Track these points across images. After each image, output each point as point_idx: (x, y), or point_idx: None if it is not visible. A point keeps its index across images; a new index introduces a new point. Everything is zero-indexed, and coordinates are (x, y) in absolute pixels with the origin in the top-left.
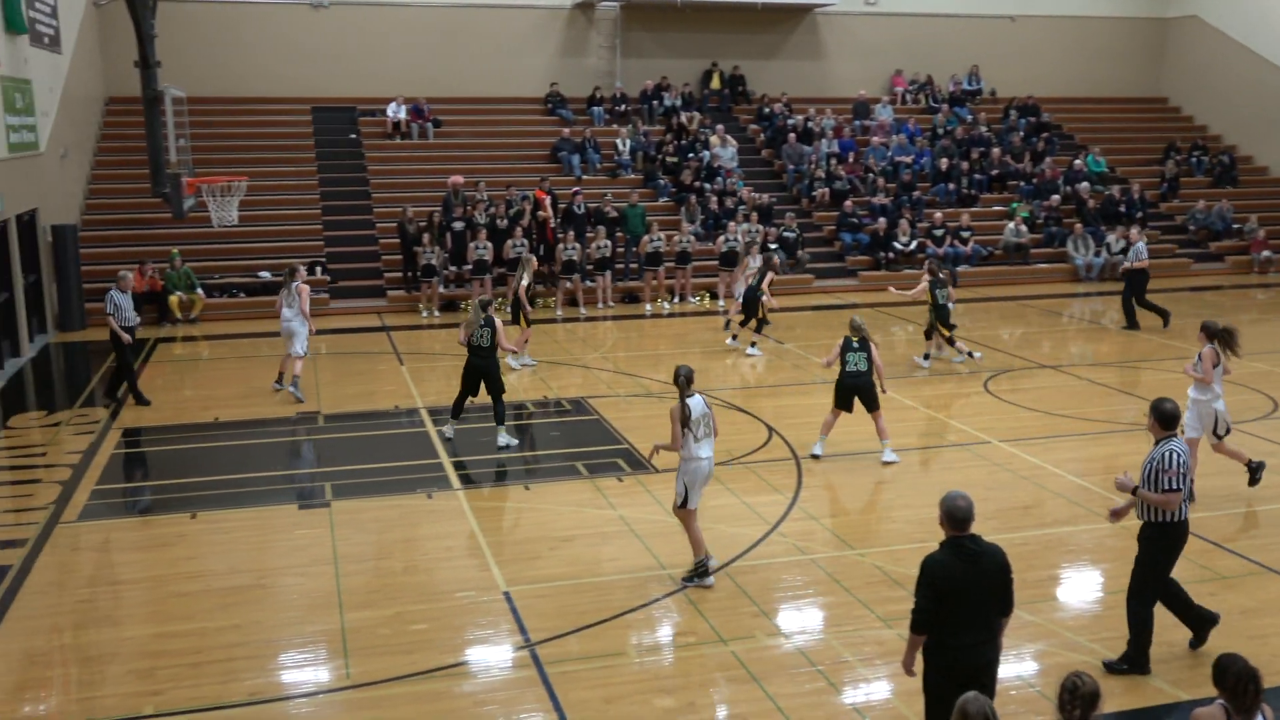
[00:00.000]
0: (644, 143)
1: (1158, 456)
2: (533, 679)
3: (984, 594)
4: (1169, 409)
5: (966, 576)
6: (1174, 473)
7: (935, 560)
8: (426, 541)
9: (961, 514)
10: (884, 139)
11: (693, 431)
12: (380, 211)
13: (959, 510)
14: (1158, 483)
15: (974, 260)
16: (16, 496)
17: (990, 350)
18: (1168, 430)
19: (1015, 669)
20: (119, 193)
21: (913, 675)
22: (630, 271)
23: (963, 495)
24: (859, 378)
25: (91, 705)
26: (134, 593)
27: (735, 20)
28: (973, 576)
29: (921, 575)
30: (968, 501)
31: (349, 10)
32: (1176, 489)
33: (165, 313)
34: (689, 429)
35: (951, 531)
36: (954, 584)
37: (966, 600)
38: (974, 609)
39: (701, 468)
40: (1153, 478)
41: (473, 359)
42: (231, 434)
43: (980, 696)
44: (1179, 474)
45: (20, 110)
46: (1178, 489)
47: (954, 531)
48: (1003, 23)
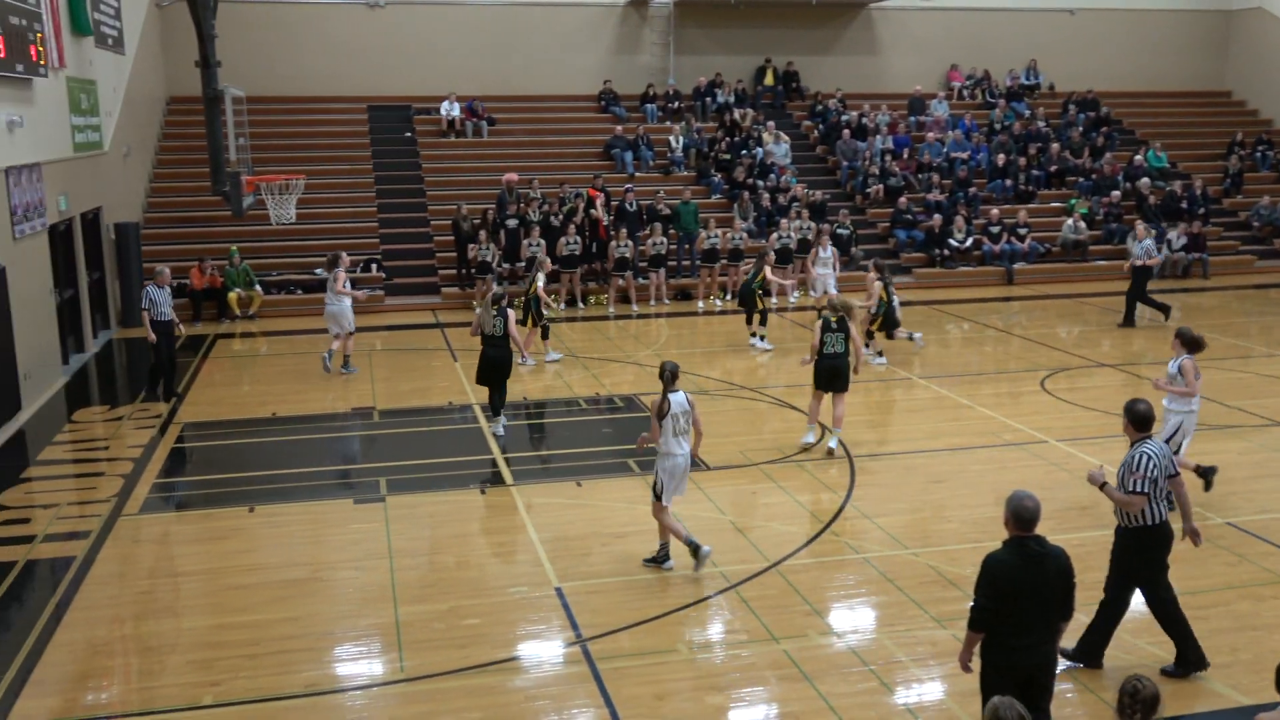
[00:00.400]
0: (697, 140)
1: (1130, 458)
2: (584, 675)
3: (1045, 596)
4: (1142, 410)
5: (1028, 577)
6: (1140, 475)
7: (997, 559)
8: (479, 537)
9: (1028, 514)
10: (939, 134)
11: (671, 427)
12: (435, 209)
13: (1026, 510)
14: (1125, 484)
15: (1031, 257)
16: (80, 489)
17: (1048, 349)
18: (1141, 432)
19: (1071, 671)
20: (179, 191)
21: (969, 672)
22: (683, 268)
23: (1030, 495)
24: (836, 359)
25: (152, 695)
26: (193, 584)
27: (789, 16)
28: (1035, 577)
29: (983, 573)
30: (1035, 502)
31: (404, 9)
32: (1141, 492)
33: (224, 309)
34: (663, 424)
35: (1016, 531)
36: (1015, 584)
37: (1027, 601)
38: (1035, 610)
39: (678, 464)
40: (1122, 479)
41: (487, 349)
42: (288, 429)
43: (1014, 702)
44: (1145, 477)
45: (85, 110)
46: (1143, 492)
47: (1019, 531)
48: (1062, 16)
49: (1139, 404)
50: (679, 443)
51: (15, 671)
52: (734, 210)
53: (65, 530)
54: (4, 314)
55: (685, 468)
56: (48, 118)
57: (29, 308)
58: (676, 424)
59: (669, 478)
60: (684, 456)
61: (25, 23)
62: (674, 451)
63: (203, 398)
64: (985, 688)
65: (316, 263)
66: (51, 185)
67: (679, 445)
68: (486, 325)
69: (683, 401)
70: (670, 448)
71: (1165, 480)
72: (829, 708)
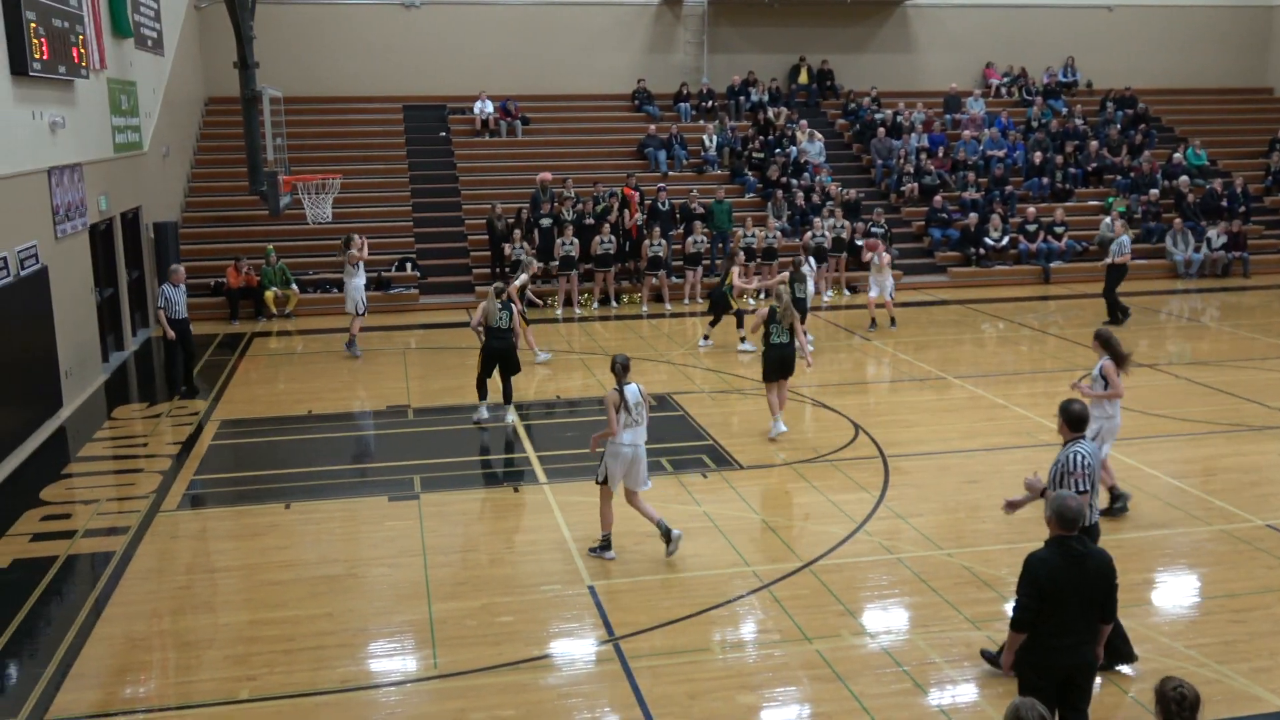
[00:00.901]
0: (730, 138)
1: (1063, 459)
2: (617, 673)
3: (1087, 596)
4: (1077, 410)
5: (1070, 577)
6: (1079, 475)
7: (1039, 558)
8: (513, 534)
9: (1071, 514)
10: (975, 132)
11: (622, 419)
12: (469, 208)
13: (1069, 510)
14: (1063, 486)
15: (1068, 256)
16: (120, 485)
17: (1084, 348)
18: (1075, 432)
19: (1109, 673)
20: (217, 190)
21: (1013, 676)
22: (717, 268)
23: (1073, 495)
24: (784, 349)
25: (189, 689)
26: (229, 580)
27: (823, 14)
28: (1076, 577)
29: (1024, 573)
30: (1078, 503)
31: (440, 10)
32: (1083, 491)
33: (261, 308)
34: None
35: (1059, 531)
36: (1056, 583)
37: (1068, 601)
38: (1076, 610)
39: (624, 453)
40: (1058, 480)
41: (491, 341)
42: (324, 426)
43: (1035, 703)
44: (1084, 475)
45: (125, 111)
46: (1084, 490)
47: (1061, 531)
48: (1099, 12)
49: (1073, 404)
50: (629, 433)
51: (56, 665)
52: (768, 209)
53: (105, 526)
54: (46, 312)
55: (634, 457)
56: (89, 119)
57: (70, 306)
58: (628, 415)
59: (615, 464)
60: (632, 447)
61: (67, 25)
62: (623, 441)
63: (239, 395)
64: (1023, 688)
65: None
66: (92, 185)
67: (626, 436)
68: (492, 318)
69: (635, 393)
70: (620, 437)
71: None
72: (862, 708)
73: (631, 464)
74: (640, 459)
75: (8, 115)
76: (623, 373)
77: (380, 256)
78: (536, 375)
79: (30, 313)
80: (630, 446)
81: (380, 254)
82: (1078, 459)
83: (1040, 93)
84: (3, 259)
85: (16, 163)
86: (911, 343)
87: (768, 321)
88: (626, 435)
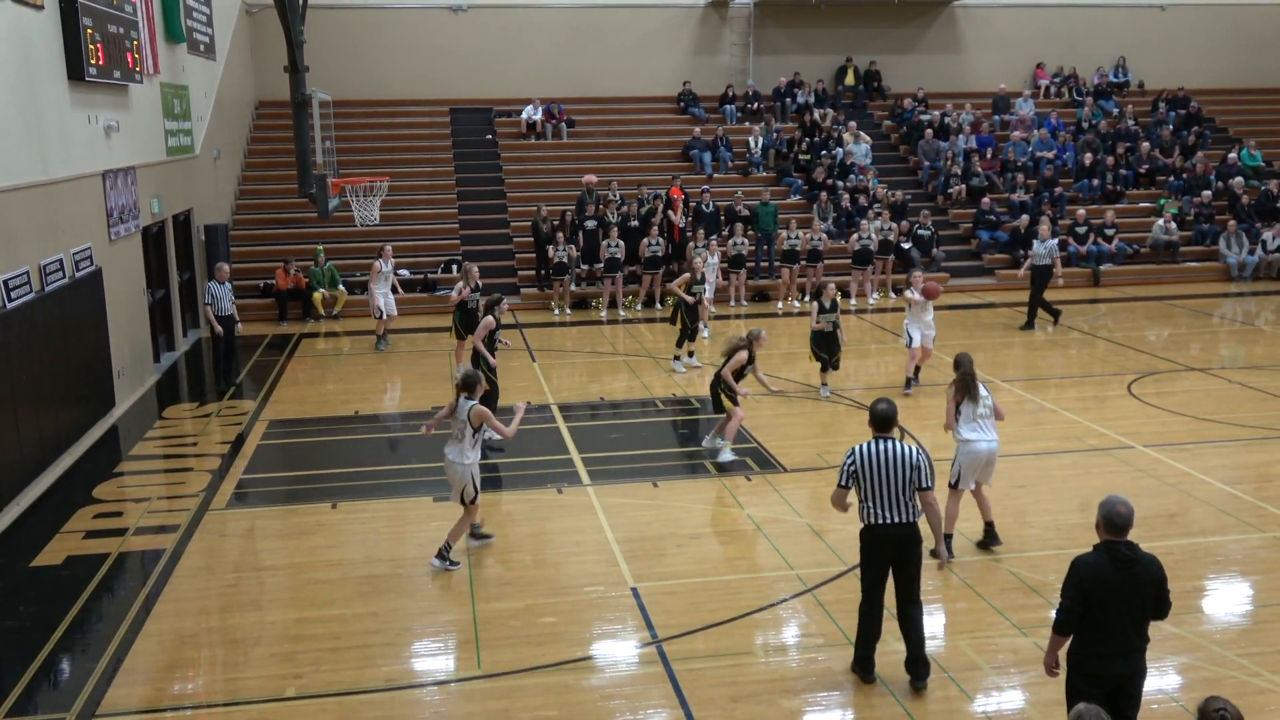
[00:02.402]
0: (776, 140)
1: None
2: (659, 675)
3: (1135, 602)
4: (881, 410)
5: (1118, 582)
6: (840, 467)
7: (1085, 561)
8: (556, 536)
9: (1121, 520)
10: (1024, 134)
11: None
12: (515, 210)
13: (1118, 516)
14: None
15: (1119, 259)
16: (170, 484)
17: (1135, 352)
18: (879, 432)
19: (1158, 682)
20: (267, 193)
21: (1054, 676)
22: (762, 270)
23: (1124, 501)
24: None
25: (236, 686)
26: (276, 579)
27: (871, 15)
28: (1125, 583)
29: (1070, 575)
30: (1128, 508)
31: (486, 13)
32: (843, 486)
33: (309, 309)
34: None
35: (1107, 535)
36: (1103, 588)
37: (1116, 606)
38: (1124, 617)
39: (453, 470)
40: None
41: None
42: (370, 427)
43: (1100, 711)
44: (843, 469)
45: (178, 115)
46: (843, 486)
47: (1110, 536)
48: (1152, 12)
49: (879, 403)
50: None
51: (107, 660)
52: (813, 211)
53: (155, 524)
54: (100, 313)
55: (453, 473)
56: (142, 122)
57: (123, 307)
58: (454, 427)
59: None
60: (460, 465)
61: (122, 30)
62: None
63: (287, 396)
64: (1072, 696)
65: (400, 263)
66: (145, 188)
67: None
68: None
69: (465, 408)
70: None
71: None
72: (906, 714)
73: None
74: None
75: (64, 119)
76: (464, 388)
77: (426, 259)
78: (580, 376)
79: (85, 313)
80: (461, 465)
81: (426, 256)
82: (847, 455)
83: (1091, 93)
84: (59, 261)
85: (73, 166)
86: (958, 346)
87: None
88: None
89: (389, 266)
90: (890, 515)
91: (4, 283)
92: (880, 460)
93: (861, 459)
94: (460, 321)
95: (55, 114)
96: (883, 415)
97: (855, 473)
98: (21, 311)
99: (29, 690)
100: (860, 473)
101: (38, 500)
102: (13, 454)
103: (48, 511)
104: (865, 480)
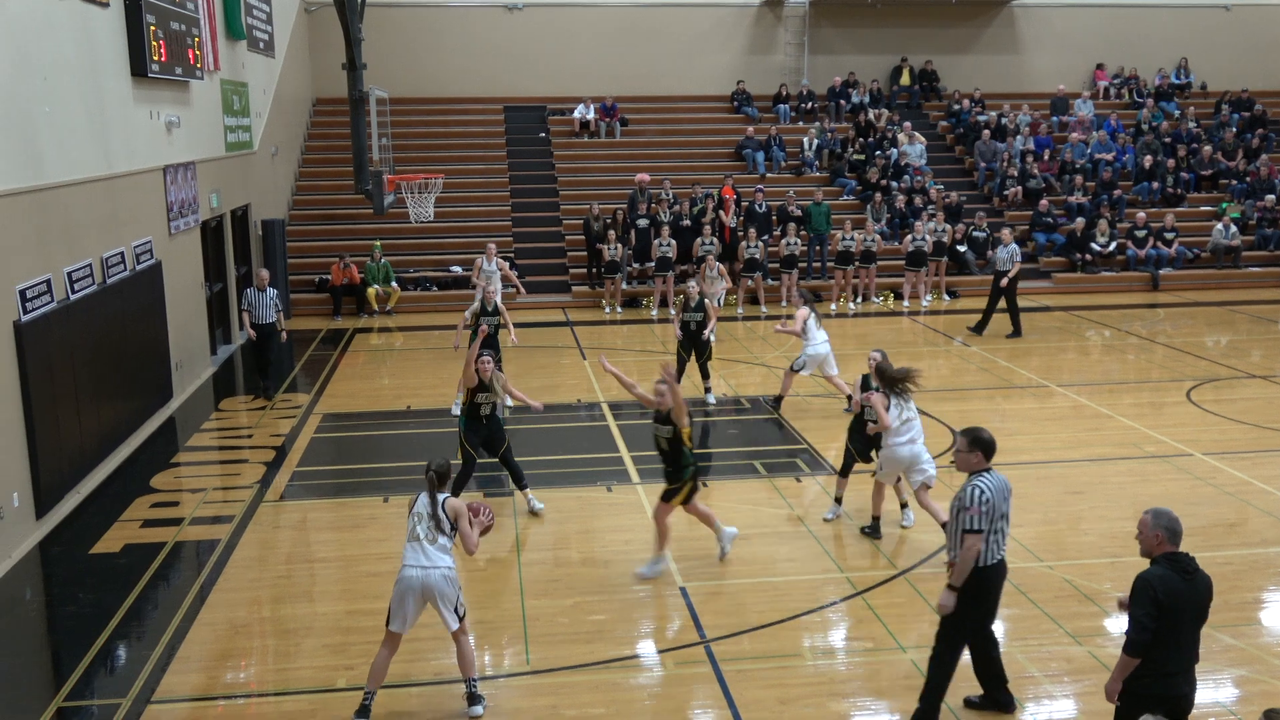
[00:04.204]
0: (830, 140)
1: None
2: (707, 675)
3: (1200, 614)
4: (989, 438)
5: (1185, 594)
6: (975, 510)
7: (1156, 575)
8: (605, 534)
9: (1180, 529)
10: (1083, 135)
11: (412, 527)
12: (567, 209)
13: (1178, 525)
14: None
15: (1178, 263)
16: (225, 475)
17: (1194, 358)
18: (989, 461)
19: (1214, 694)
20: (323, 189)
21: (1115, 702)
22: (814, 270)
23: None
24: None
25: (288, 675)
26: (328, 570)
27: (927, 15)
28: (1190, 595)
29: (1140, 592)
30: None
31: (541, 11)
32: (977, 529)
33: (363, 304)
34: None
35: (1169, 548)
36: (1176, 600)
37: (1183, 619)
38: (1189, 630)
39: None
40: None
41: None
42: (422, 422)
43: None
44: (980, 512)
45: (237, 112)
46: (978, 530)
47: (1172, 548)
48: (1216, 12)
49: (984, 432)
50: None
51: (162, 648)
52: (866, 211)
53: (211, 514)
54: (159, 306)
55: (411, 587)
56: (202, 118)
57: (182, 300)
58: (416, 526)
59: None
60: (441, 570)
61: (184, 28)
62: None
63: (341, 390)
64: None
65: (452, 260)
66: (204, 183)
67: (413, 553)
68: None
69: (424, 502)
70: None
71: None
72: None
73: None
74: (419, 588)
75: (127, 115)
76: (436, 483)
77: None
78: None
79: (144, 306)
80: (415, 569)
81: (478, 253)
82: (977, 493)
83: (1151, 94)
84: (120, 254)
85: (135, 161)
86: (1013, 349)
87: None
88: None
89: (492, 265)
90: (1003, 551)
91: (67, 275)
92: (1001, 494)
93: (993, 495)
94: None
95: (119, 109)
96: (993, 443)
97: (990, 513)
98: (84, 303)
99: (87, 675)
100: (993, 511)
101: (97, 489)
102: (74, 443)
103: (107, 500)
104: (993, 517)
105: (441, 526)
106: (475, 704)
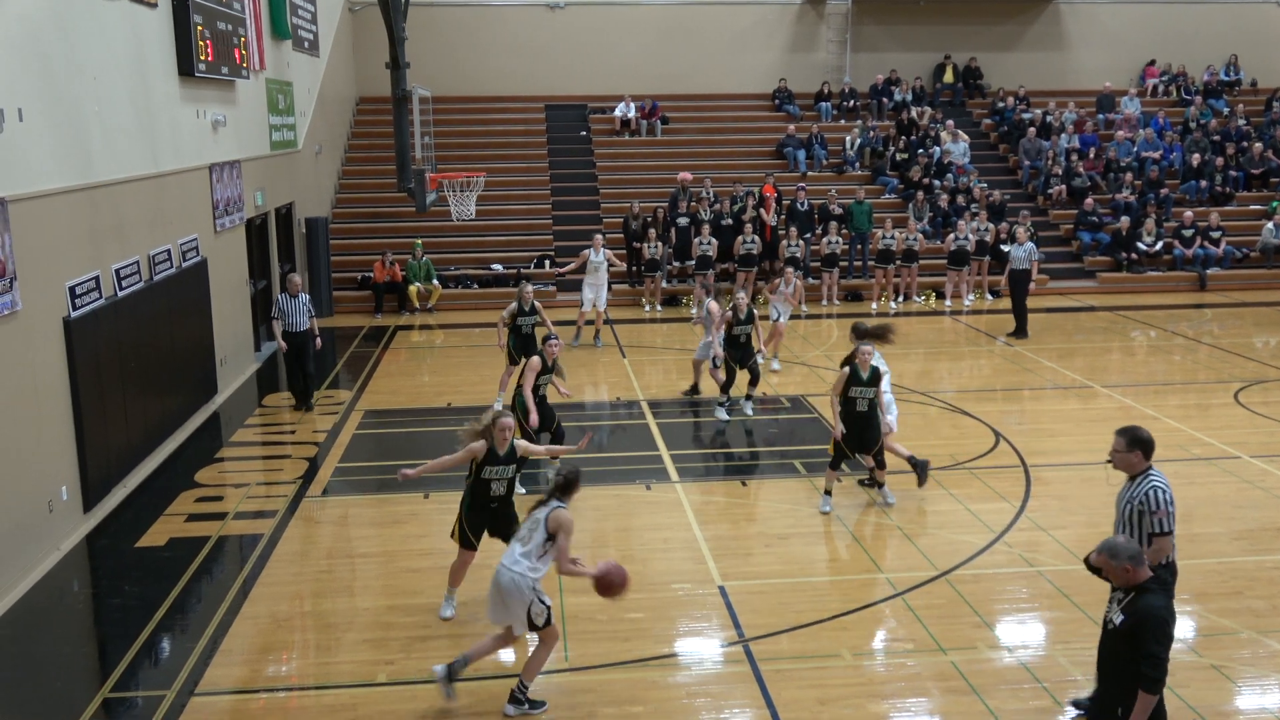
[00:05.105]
0: (872, 139)
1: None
2: (746, 675)
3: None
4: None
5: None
6: (1162, 513)
7: (1167, 607)
8: (644, 532)
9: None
10: (1130, 133)
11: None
12: (607, 207)
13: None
14: (1141, 526)
15: (1226, 263)
16: (268, 470)
17: (1243, 359)
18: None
19: (1261, 700)
20: (366, 187)
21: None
22: (855, 269)
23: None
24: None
25: (328, 669)
26: (369, 566)
27: (971, 11)
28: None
29: (1159, 628)
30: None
31: (583, 10)
32: (1167, 531)
33: (404, 302)
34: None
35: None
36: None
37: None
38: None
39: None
40: (1134, 521)
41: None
42: (463, 419)
43: None
44: (1167, 515)
45: (282, 111)
46: (1167, 531)
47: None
48: (1268, 8)
49: (1142, 430)
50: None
51: (206, 641)
52: (908, 210)
53: (254, 509)
54: (205, 303)
55: (494, 580)
56: (248, 117)
57: (226, 297)
58: (525, 525)
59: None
60: (527, 577)
61: (230, 28)
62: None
63: (382, 387)
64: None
65: (493, 258)
66: (249, 181)
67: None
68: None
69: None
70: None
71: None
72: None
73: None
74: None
75: (174, 114)
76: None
77: (519, 254)
78: (670, 373)
79: (190, 302)
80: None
81: (519, 251)
82: (1158, 495)
83: (1200, 92)
84: (166, 251)
85: (181, 159)
86: (1057, 350)
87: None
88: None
89: (599, 256)
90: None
91: (115, 271)
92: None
93: (1172, 494)
94: (515, 346)
95: (166, 108)
96: (1152, 442)
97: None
98: (131, 300)
99: (132, 667)
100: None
101: (143, 483)
102: (120, 437)
103: (152, 494)
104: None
105: (535, 532)
106: (512, 703)
